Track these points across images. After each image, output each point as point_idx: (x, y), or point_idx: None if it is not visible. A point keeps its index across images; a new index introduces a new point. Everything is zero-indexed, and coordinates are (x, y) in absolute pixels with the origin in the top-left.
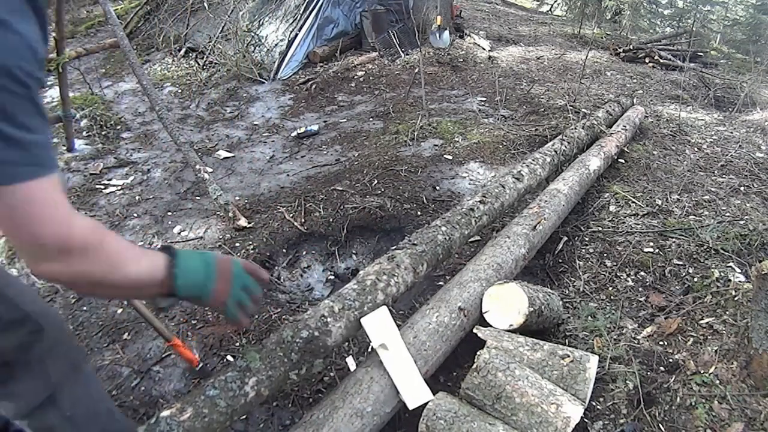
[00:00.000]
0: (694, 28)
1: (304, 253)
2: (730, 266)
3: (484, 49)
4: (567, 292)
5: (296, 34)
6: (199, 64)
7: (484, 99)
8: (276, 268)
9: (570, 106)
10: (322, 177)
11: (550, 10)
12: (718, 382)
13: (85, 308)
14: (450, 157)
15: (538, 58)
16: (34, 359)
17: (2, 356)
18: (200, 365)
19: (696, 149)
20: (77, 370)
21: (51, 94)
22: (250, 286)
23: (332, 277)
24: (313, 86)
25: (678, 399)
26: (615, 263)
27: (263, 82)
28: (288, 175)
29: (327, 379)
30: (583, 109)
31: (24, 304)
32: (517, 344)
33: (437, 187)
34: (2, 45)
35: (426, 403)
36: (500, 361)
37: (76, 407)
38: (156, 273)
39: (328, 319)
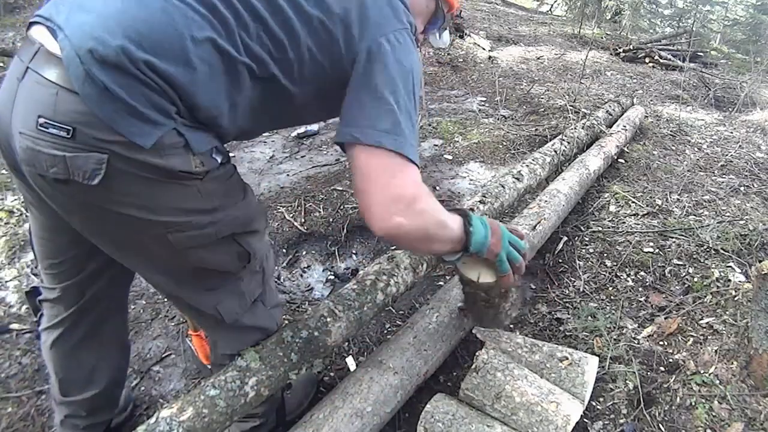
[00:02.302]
0: (694, 28)
1: (304, 253)
2: (730, 266)
3: (484, 49)
4: (567, 292)
5: None
6: None
7: (484, 99)
8: (276, 268)
9: (570, 106)
10: (322, 177)
11: (550, 10)
12: (718, 382)
13: None
14: (450, 157)
15: (538, 58)
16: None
17: (247, 245)
18: None
19: (696, 149)
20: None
21: None
22: (515, 242)
23: (332, 277)
24: None
25: (678, 399)
26: (615, 263)
27: None
28: (288, 174)
29: (327, 379)
30: (583, 109)
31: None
32: (516, 346)
33: (437, 188)
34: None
35: (425, 405)
36: (499, 361)
37: (269, 274)
38: (459, 231)
39: (328, 319)
